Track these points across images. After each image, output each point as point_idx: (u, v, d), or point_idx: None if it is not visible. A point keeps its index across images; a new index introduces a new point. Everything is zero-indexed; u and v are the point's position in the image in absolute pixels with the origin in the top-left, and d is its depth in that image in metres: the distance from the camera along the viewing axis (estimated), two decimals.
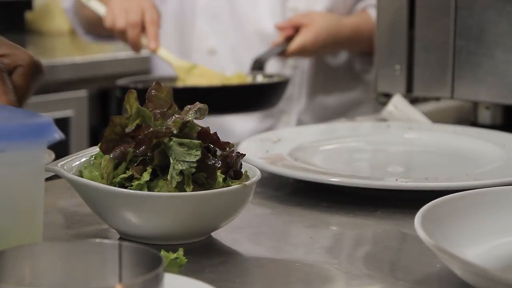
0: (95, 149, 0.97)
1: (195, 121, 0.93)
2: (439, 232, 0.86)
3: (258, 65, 1.81)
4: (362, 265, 0.91)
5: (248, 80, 1.77)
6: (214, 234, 0.97)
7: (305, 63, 1.97)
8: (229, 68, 1.90)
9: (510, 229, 0.92)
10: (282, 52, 1.86)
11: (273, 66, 1.91)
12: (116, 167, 0.92)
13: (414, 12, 1.54)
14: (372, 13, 1.94)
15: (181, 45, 2.00)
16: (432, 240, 0.81)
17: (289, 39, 1.86)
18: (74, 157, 0.99)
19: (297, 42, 1.84)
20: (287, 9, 1.94)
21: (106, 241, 0.72)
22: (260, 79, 1.78)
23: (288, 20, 1.89)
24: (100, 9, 1.89)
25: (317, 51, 1.90)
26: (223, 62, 1.93)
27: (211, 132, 0.93)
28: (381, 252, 0.95)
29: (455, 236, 0.88)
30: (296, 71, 1.96)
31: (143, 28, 1.80)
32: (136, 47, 1.82)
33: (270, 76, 1.79)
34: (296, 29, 1.86)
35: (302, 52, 1.86)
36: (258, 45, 1.92)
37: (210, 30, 1.95)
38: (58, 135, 0.79)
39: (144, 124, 0.92)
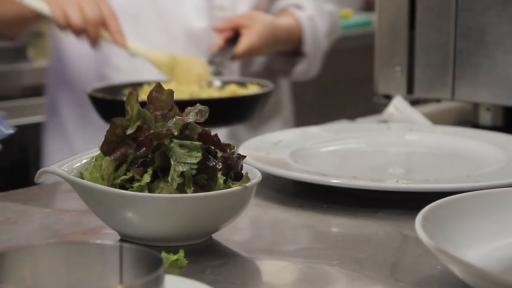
0: (96, 151, 0.97)
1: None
2: (440, 233, 0.86)
3: (214, 71, 1.70)
4: (362, 267, 0.91)
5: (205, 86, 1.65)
6: (214, 236, 0.97)
7: (234, 64, 1.91)
8: (154, 70, 1.73)
9: (511, 230, 0.92)
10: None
11: None
12: (116, 168, 0.92)
13: (414, 14, 1.54)
14: (297, 13, 1.91)
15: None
16: (432, 242, 0.81)
17: (228, 40, 1.78)
18: (75, 158, 0.99)
19: (244, 44, 1.77)
20: (214, 7, 1.88)
21: (106, 242, 0.72)
22: (218, 84, 1.67)
23: (226, 21, 1.81)
24: (39, 4, 1.66)
25: (262, 52, 1.85)
26: (147, 65, 1.73)
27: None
28: (381, 254, 0.95)
29: (456, 237, 0.88)
30: (226, 71, 1.88)
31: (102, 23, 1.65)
32: (97, 44, 1.66)
33: (241, 83, 1.66)
34: (235, 30, 1.79)
35: (249, 53, 1.80)
36: (185, 45, 1.84)
37: (130, 31, 1.76)
38: (10, 129, 0.80)
39: (145, 126, 0.92)
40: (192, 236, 0.94)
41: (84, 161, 0.98)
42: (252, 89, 1.63)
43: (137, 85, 1.63)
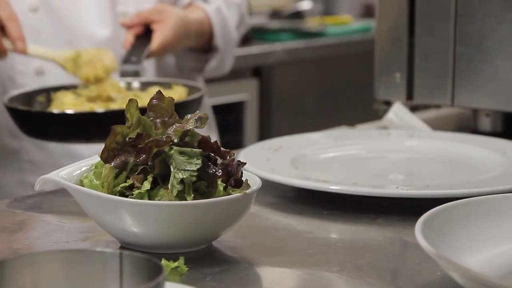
0: (96, 158, 0.97)
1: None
2: (440, 239, 0.86)
3: (131, 71, 1.57)
4: (363, 273, 0.91)
5: (122, 87, 1.53)
6: (215, 243, 0.97)
7: (150, 66, 1.78)
8: (59, 72, 1.61)
9: (511, 236, 0.92)
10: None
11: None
12: (116, 176, 0.93)
13: (414, 20, 1.54)
14: (204, 6, 1.81)
15: (0, 68, 1.69)
16: (432, 248, 0.81)
17: (139, 37, 1.65)
18: (74, 166, 0.99)
19: (158, 40, 1.64)
20: (117, 15, 1.74)
21: (107, 250, 0.72)
22: (136, 85, 1.55)
23: (135, 16, 1.68)
24: None
25: (176, 48, 1.72)
26: (55, 82, 1.61)
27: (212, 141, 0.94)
28: (382, 260, 0.95)
29: (456, 243, 0.88)
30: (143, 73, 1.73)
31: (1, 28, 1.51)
32: (4, 54, 1.53)
33: (165, 84, 1.55)
34: (146, 26, 1.67)
35: (164, 50, 1.67)
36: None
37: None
38: None
39: (144, 133, 0.92)
40: (192, 243, 0.94)
41: (84, 168, 0.98)
42: (178, 91, 1.52)
43: (51, 90, 1.54)
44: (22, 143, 1.70)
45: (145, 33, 1.66)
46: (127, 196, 0.91)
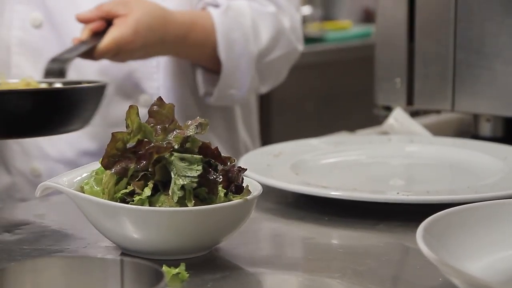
0: (96, 165, 0.97)
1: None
2: (441, 245, 0.86)
3: (56, 70, 1.33)
4: (363, 279, 0.90)
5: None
6: (215, 249, 0.97)
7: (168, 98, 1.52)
8: None
9: None
10: (91, 52, 1.37)
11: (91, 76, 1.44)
12: (117, 182, 0.93)
13: (414, 25, 1.55)
14: (213, 12, 1.51)
15: None
16: (434, 254, 0.81)
17: (98, 34, 1.38)
18: (75, 172, 0.99)
19: (111, 37, 1.36)
20: None
21: (107, 256, 0.72)
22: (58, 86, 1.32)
23: (95, 10, 1.40)
24: None
25: (137, 51, 1.40)
26: None
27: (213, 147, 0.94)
28: (383, 266, 0.95)
29: (457, 249, 0.88)
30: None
31: None
32: None
33: (77, 82, 1.32)
34: (108, 22, 1.39)
35: (117, 51, 1.37)
36: (96, 78, 1.45)
37: (31, 67, 1.51)
38: None
39: (145, 140, 0.92)
40: (193, 249, 0.94)
41: (85, 175, 0.98)
42: None
43: None
44: (15, 178, 1.60)
45: (106, 30, 1.40)
46: (127, 203, 0.91)
